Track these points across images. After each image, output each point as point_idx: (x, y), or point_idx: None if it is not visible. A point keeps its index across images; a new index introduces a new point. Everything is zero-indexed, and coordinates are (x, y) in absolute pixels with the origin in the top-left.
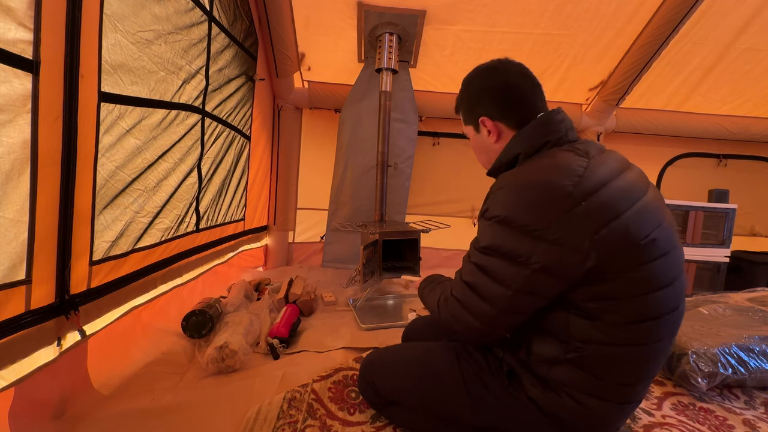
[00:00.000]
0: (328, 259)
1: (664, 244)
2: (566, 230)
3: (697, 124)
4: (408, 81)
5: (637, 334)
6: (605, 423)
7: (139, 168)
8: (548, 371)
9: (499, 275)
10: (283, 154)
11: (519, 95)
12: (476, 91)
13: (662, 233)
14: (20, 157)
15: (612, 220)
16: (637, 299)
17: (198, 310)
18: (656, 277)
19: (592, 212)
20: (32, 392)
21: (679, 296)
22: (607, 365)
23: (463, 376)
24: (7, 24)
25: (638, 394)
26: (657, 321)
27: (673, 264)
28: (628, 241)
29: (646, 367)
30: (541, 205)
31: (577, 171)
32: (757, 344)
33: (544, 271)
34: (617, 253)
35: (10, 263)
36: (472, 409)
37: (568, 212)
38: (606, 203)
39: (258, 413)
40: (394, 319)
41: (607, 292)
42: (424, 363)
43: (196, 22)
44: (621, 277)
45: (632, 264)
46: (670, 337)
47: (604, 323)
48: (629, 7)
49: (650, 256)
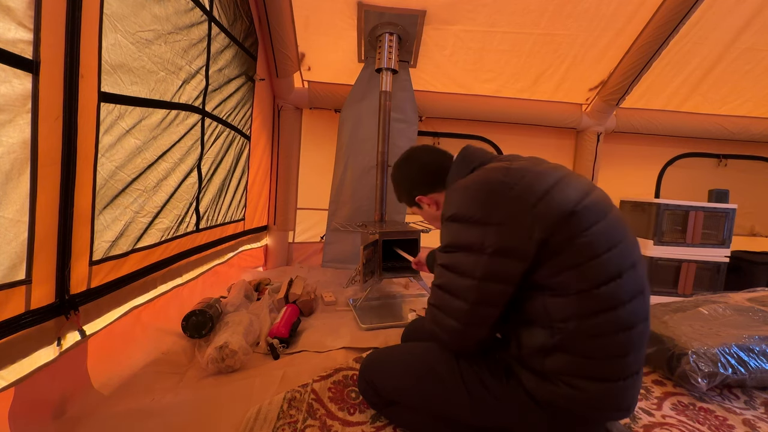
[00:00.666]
0: (328, 259)
1: (597, 210)
2: (507, 212)
3: (697, 124)
4: (408, 81)
5: (605, 298)
6: (607, 404)
7: (139, 168)
8: (543, 363)
9: (461, 268)
10: (283, 154)
11: (434, 167)
12: (403, 181)
13: (592, 201)
14: (20, 157)
15: (543, 196)
16: (593, 263)
17: (198, 310)
18: (600, 240)
19: (524, 192)
20: (32, 392)
21: (631, 254)
22: (590, 340)
23: (463, 376)
24: (7, 24)
25: (631, 366)
26: (616, 281)
27: (614, 227)
28: (561, 210)
29: (627, 334)
30: (482, 196)
31: (505, 167)
32: (757, 344)
33: (499, 253)
34: (556, 223)
35: (10, 263)
36: (472, 409)
37: (505, 196)
38: (533, 184)
39: (258, 413)
40: (394, 319)
41: (564, 263)
42: (424, 363)
43: (196, 22)
44: (570, 246)
45: (574, 231)
46: (640, 298)
47: (575, 295)
48: (629, 7)
49: (587, 222)
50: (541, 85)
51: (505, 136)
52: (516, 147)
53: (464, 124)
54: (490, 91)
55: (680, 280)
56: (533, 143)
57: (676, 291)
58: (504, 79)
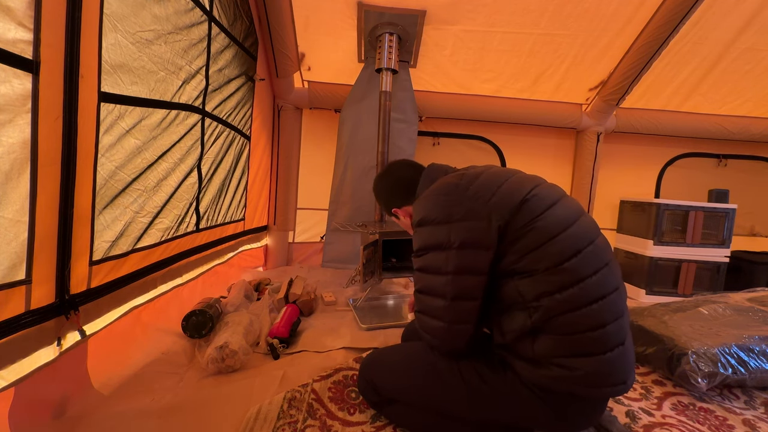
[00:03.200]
0: (328, 259)
1: (547, 197)
2: (466, 208)
3: (697, 124)
4: (408, 81)
5: (569, 273)
6: (601, 380)
7: (139, 168)
8: (532, 348)
9: (435, 267)
10: (283, 154)
11: (407, 182)
12: (381, 195)
13: (542, 191)
14: (20, 157)
15: (496, 190)
16: (551, 243)
17: (198, 310)
18: (555, 222)
19: (479, 190)
20: (32, 392)
21: (589, 232)
22: (565, 317)
23: (461, 372)
24: (7, 24)
25: (614, 337)
26: (578, 257)
27: (568, 209)
28: (513, 200)
29: (599, 305)
30: (442, 200)
31: (460, 173)
32: (757, 344)
33: (465, 245)
34: (510, 211)
35: (10, 263)
36: (472, 404)
37: (462, 195)
38: (486, 183)
39: (258, 413)
40: (394, 319)
41: (526, 246)
42: (423, 361)
43: (196, 22)
44: (526, 231)
45: (529, 217)
46: (605, 270)
47: (541, 274)
48: (629, 8)
49: (539, 208)
50: (541, 85)
51: (505, 136)
52: (516, 147)
53: (464, 124)
54: (490, 91)
55: (680, 280)
56: (533, 143)
57: (676, 291)
58: (504, 79)
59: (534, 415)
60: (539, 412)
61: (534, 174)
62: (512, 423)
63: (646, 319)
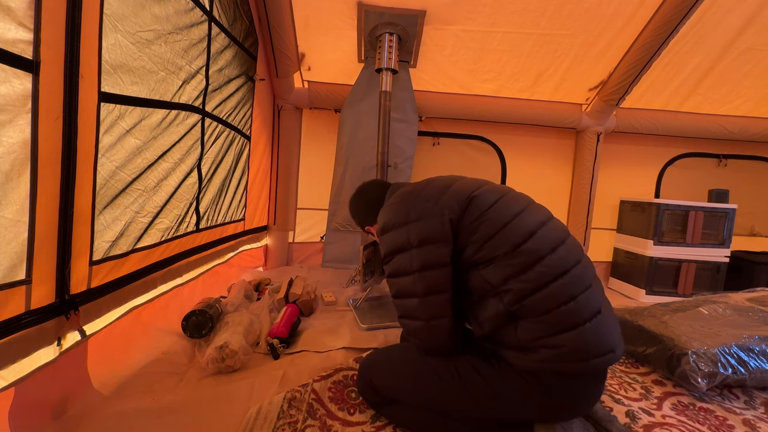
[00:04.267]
0: (328, 259)
1: (494, 192)
2: (420, 209)
3: (697, 124)
4: (408, 81)
5: (527, 254)
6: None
7: (139, 168)
8: (515, 336)
9: (402, 268)
10: (283, 154)
11: (375, 201)
12: (355, 214)
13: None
14: (20, 157)
15: (445, 190)
16: (505, 229)
17: (198, 310)
18: (504, 212)
19: (430, 192)
20: (32, 392)
21: (540, 216)
22: (536, 296)
23: (457, 368)
24: (7, 24)
25: (587, 307)
26: (533, 238)
27: (513, 200)
28: (462, 196)
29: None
30: (397, 206)
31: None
32: (757, 344)
33: (424, 242)
34: (460, 208)
35: (10, 263)
36: (470, 400)
37: (415, 199)
38: (435, 186)
39: (258, 413)
40: (394, 319)
41: (481, 238)
42: (421, 360)
43: (196, 22)
44: (480, 223)
45: (478, 212)
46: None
47: (501, 259)
48: (629, 7)
49: (487, 201)
50: (541, 85)
51: (505, 136)
52: (516, 147)
53: (464, 124)
54: (490, 91)
55: (680, 280)
56: (533, 143)
57: (676, 291)
58: (504, 79)
59: (531, 405)
60: (536, 400)
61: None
62: (512, 417)
63: (646, 319)
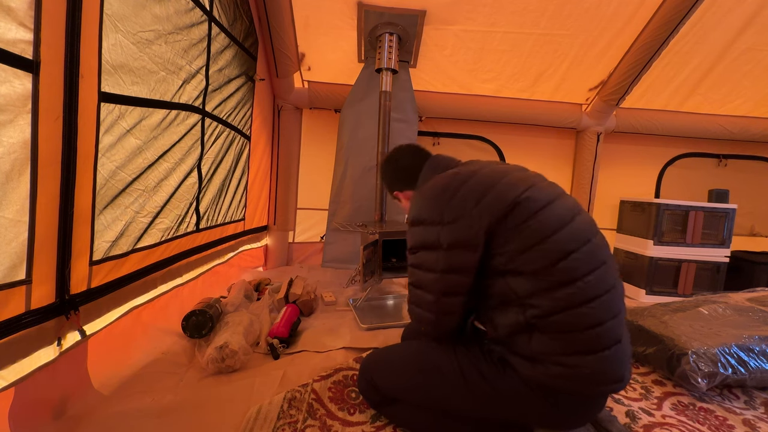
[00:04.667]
0: (328, 259)
1: (542, 198)
2: (455, 211)
3: (697, 124)
4: (408, 81)
5: (562, 273)
6: (598, 377)
7: (139, 168)
8: (529, 346)
9: (425, 264)
10: (283, 154)
11: (410, 169)
12: (385, 178)
13: (535, 192)
14: (20, 157)
15: (485, 193)
16: (544, 243)
17: (198, 310)
18: (547, 224)
19: (469, 192)
20: (32, 392)
21: (586, 231)
22: (560, 315)
23: (461, 368)
24: (7, 24)
25: (610, 335)
26: (572, 256)
27: (562, 211)
28: (504, 202)
29: (595, 303)
30: (433, 202)
31: (455, 172)
32: (757, 344)
33: (453, 246)
34: (499, 215)
35: (10, 263)
36: (470, 400)
37: (452, 198)
38: (477, 184)
39: (258, 413)
40: (394, 319)
41: (517, 248)
42: (423, 358)
43: (196, 22)
44: (518, 232)
45: (519, 220)
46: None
47: (532, 274)
48: (629, 7)
49: (530, 210)
50: (541, 85)
51: (505, 136)
52: (516, 147)
53: (464, 124)
54: (490, 91)
55: (680, 280)
56: (533, 143)
57: (676, 291)
58: (504, 79)
59: (533, 412)
60: (538, 408)
61: (534, 172)
62: (512, 420)
63: (646, 319)
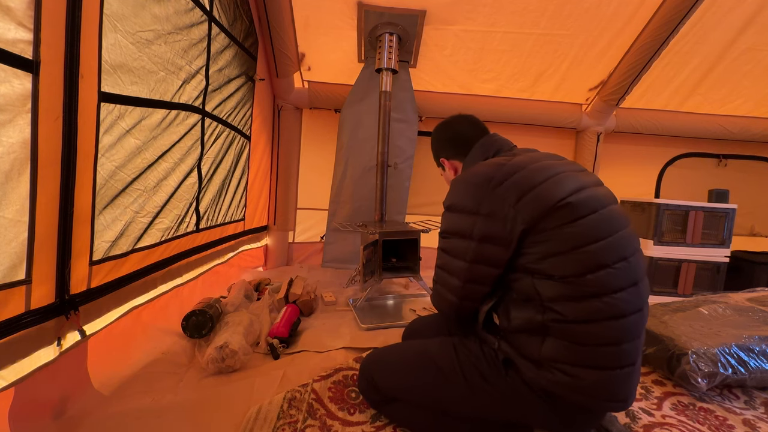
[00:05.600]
0: (328, 259)
1: (590, 204)
2: (493, 205)
3: (697, 124)
4: (408, 81)
5: (591, 285)
6: (603, 394)
7: (139, 168)
8: (539, 350)
9: (456, 251)
10: (283, 154)
11: (464, 140)
12: (435, 142)
13: (583, 197)
14: (20, 157)
15: (528, 191)
16: (577, 252)
17: (198, 310)
18: (588, 232)
19: (510, 188)
20: (32, 392)
21: (624, 248)
22: (579, 326)
23: (462, 368)
24: (7, 24)
25: (627, 356)
26: (605, 270)
27: (607, 221)
28: (546, 203)
29: (618, 322)
30: (473, 190)
31: (501, 162)
32: (757, 344)
33: (485, 239)
34: (539, 215)
35: (10, 263)
36: (472, 400)
37: (493, 191)
38: (523, 179)
39: (258, 413)
40: (394, 319)
41: (549, 250)
42: (423, 357)
43: (196, 22)
44: (554, 235)
45: (558, 223)
46: (633, 289)
47: (560, 280)
48: (629, 7)
49: (574, 215)
50: (541, 85)
51: (505, 136)
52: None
53: None
54: (490, 91)
55: (680, 280)
56: (533, 143)
57: (676, 291)
58: (504, 79)
59: (534, 415)
60: (539, 412)
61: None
62: (512, 421)
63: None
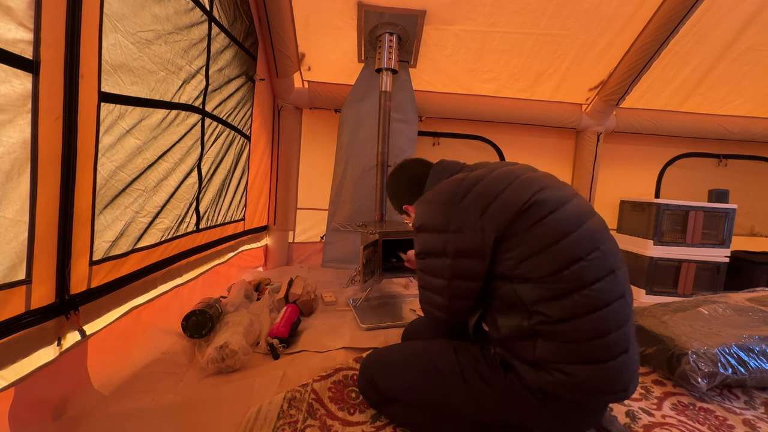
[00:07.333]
0: (328, 259)
1: (551, 201)
2: (461, 219)
3: (697, 124)
4: (408, 81)
5: (568, 280)
6: (602, 387)
7: (139, 168)
8: (533, 352)
9: (433, 270)
10: (283, 154)
11: (418, 179)
12: (392, 192)
13: (546, 195)
14: (20, 157)
15: (492, 200)
16: (549, 250)
17: (198, 310)
18: (556, 228)
19: (474, 200)
20: (32, 392)
21: (596, 237)
22: (566, 324)
23: (461, 370)
24: (7, 24)
25: (617, 345)
26: (579, 264)
27: (572, 215)
28: (510, 210)
29: (601, 313)
30: (439, 208)
31: (460, 178)
32: (757, 344)
33: (459, 254)
34: (507, 222)
35: (10, 263)
36: (471, 402)
37: (458, 206)
38: (483, 191)
39: (258, 413)
40: (394, 319)
41: (523, 253)
42: (424, 358)
43: (196, 22)
44: (525, 238)
45: (527, 225)
46: (611, 277)
47: (538, 281)
48: (629, 7)
49: (540, 213)
50: (541, 85)
51: (505, 136)
52: (516, 147)
53: (464, 124)
54: (490, 91)
55: (680, 280)
56: (533, 143)
57: (676, 291)
58: (504, 79)
59: (534, 417)
60: (539, 413)
61: (545, 172)
62: (512, 423)
63: (646, 319)
